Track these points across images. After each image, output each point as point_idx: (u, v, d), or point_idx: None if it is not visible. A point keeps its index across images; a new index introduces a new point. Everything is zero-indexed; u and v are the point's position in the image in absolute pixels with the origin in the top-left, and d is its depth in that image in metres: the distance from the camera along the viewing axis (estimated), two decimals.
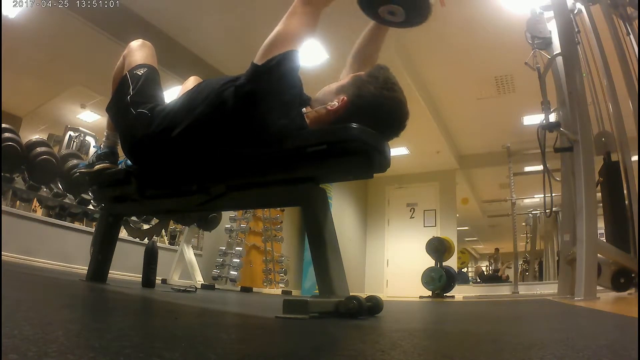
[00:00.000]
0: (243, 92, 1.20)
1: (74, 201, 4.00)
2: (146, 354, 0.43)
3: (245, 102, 1.20)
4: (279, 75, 1.17)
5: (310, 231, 1.23)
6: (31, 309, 0.75)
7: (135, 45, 1.56)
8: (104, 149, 1.70)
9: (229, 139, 1.27)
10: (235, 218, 4.62)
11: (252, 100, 1.19)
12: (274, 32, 1.20)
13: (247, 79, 1.21)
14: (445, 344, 0.77)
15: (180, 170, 1.43)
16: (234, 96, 1.21)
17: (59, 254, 3.60)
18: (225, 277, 4.20)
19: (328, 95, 1.25)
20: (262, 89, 1.18)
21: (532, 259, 8.45)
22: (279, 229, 5.25)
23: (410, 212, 8.22)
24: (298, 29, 1.21)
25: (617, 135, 3.18)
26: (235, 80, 1.25)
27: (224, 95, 1.24)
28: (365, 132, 1.16)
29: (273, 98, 1.19)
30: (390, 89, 1.19)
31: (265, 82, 1.18)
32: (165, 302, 1.50)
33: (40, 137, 3.96)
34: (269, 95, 1.19)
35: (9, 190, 3.74)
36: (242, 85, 1.21)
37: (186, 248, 3.81)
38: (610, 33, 3.14)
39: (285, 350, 0.60)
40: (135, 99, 1.41)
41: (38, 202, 4.22)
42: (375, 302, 1.21)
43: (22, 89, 5.37)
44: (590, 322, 1.29)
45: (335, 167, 1.26)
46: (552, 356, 0.54)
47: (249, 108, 1.20)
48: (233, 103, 1.21)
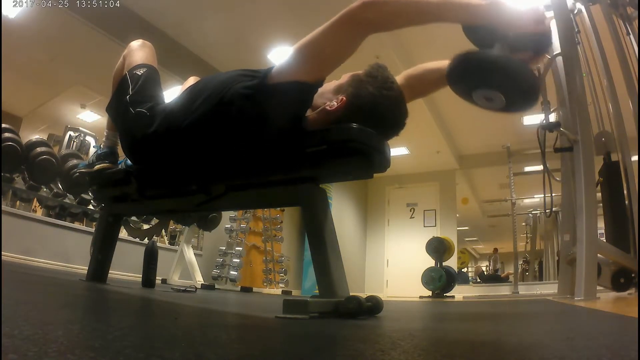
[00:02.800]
0: (251, 103, 1.17)
1: (74, 201, 4.00)
2: (146, 354, 0.43)
3: (251, 106, 1.17)
4: (293, 99, 1.15)
5: (310, 231, 1.23)
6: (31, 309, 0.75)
7: (135, 45, 1.56)
8: (104, 148, 1.70)
9: (230, 139, 1.26)
10: (235, 218, 4.62)
11: (258, 111, 1.17)
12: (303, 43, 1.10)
13: (256, 89, 1.16)
14: (445, 344, 0.77)
15: (180, 170, 1.43)
16: (240, 99, 1.18)
17: (59, 254, 3.60)
18: (225, 277, 4.20)
19: (327, 95, 1.24)
20: (269, 105, 1.15)
21: (532, 259, 8.46)
22: (279, 229, 5.25)
23: (410, 212, 8.22)
24: (330, 46, 1.08)
25: (617, 135, 3.18)
26: (241, 82, 1.21)
27: (228, 96, 1.20)
28: (365, 132, 1.16)
29: (279, 113, 1.17)
30: (389, 88, 1.19)
31: (275, 99, 1.14)
32: (165, 302, 1.50)
33: (40, 137, 3.96)
34: (275, 112, 1.16)
35: (9, 190, 3.75)
36: (250, 96, 1.17)
37: (186, 248, 3.81)
38: (610, 33, 3.14)
39: (285, 350, 0.60)
40: (134, 98, 1.40)
41: (38, 202, 4.23)
42: (375, 302, 1.20)
43: (22, 88, 5.38)
44: (590, 322, 1.29)
45: (335, 167, 1.26)
46: (552, 356, 0.54)
47: (253, 111, 1.18)
48: (239, 105, 1.18)
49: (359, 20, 1.04)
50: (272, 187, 1.38)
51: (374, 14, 1.02)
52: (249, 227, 4.67)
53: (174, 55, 4.63)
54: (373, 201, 8.71)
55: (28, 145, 3.55)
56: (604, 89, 3.32)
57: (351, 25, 1.05)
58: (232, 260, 4.30)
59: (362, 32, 1.06)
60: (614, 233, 3.16)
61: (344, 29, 1.06)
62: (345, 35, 1.07)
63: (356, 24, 1.04)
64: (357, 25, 1.05)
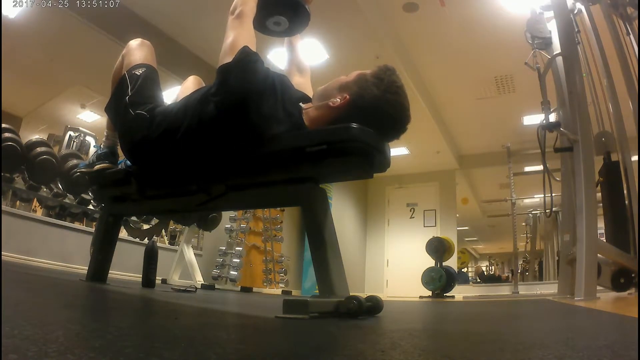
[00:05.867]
0: (221, 97, 1.22)
1: (74, 201, 4.00)
2: (146, 354, 0.43)
3: (228, 105, 1.21)
4: (247, 67, 1.20)
5: (310, 231, 1.23)
6: (31, 309, 0.75)
7: (134, 45, 1.56)
8: (104, 148, 1.70)
9: (226, 141, 1.26)
10: (235, 218, 4.62)
11: (234, 99, 1.20)
12: (227, 43, 1.27)
13: (218, 83, 1.24)
14: (445, 344, 0.77)
15: (179, 171, 1.43)
16: (214, 106, 1.24)
17: (59, 254, 3.60)
18: (225, 277, 4.20)
19: (331, 91, 1.24)
20: (238, 84, 1.20)
21: (532, 259, 8.45)
22: (279, 229, 5.24)
23: (410, 212, 8.22)
24: (243, 35, 1.28)
25: (617, 135, 3.18)
26: (209, 91, 1.28)
27: (207, 109, 1.26)
28: (365, 132, 1.16)
29: (252, 90, 1.20)
30: (394, 92, 1.19)
31: (237, 76, 1.20)
32: (165, 302, 1.50)
33: (40, 137, 3.96)
34: (247, 89, 1.20)
35: (9, 190, 3.74)
36: (216, 92, 1.24)
37: (186, 248, 3.81)
38: (610, 33, 3.14)
39: (285, 350, 0.60)
40: (133, 99, 1.40)
41: (38, 202, 4.22)
42: (375, 302, 1.20)
43: (22, 88, 5.37)
44: (590, 322, 1.29)
45: (335, 167, 1.26)
46: (552, 356, 0.54)
47: (235, 109, 1.21)
48: (216, 112, 1.23)
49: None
50: (272, 187, 1.38)
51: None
52: (249, 227, 4.67)
53: (174, 55, 4.63)
54: (373, 201, 8.70)
55: (28, 145, 3.55)
56: (604, 89, 3.32)
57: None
58: (232, 260, 4.30)
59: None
60: (614, 233, 3.16)
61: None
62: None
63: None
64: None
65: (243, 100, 1.19)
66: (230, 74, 1.21)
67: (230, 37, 1.28)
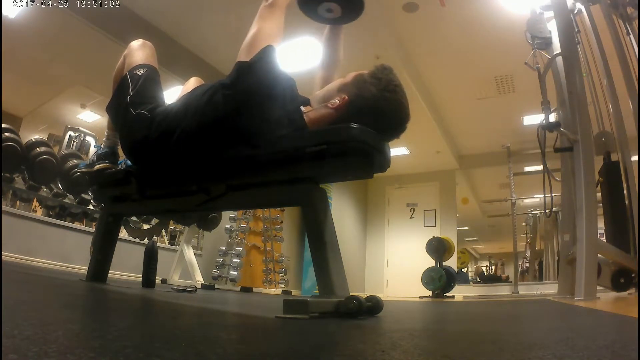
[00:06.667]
0: (233, 92, 1.21)
1: (74, 201, 4.00)
2: (146, 354, 0.43)
3: (237, 102, 1.20)
4: (264, 69, 1.18)
5: (310, 231, 1.23)
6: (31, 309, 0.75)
7: (136, 45, 1.56)
8: (104, 148, 1.70)
9: (227, 140, 1.26)
10: (235, 218, 4.62)
11: (244, 98, 1.19)
12: (250, 34, 1.23)
13: (233, 78, 1.21)
14: (445, 344, 0.77)
15: (180, 171, 1.43)
16: (223, 98, 1.22)
17: (59, 254, 3.60)
18: (225, 277, 4.20)
19: (330, 93, 1.25)
20: (251, 85, 1.19)
21: (532, 259, 8.46)
22: (279, 229, 5.24)
23: (410, 212, 8.22)
24: (270, 28, 1.24)
25: (617, 135, 3.18)
26: (222, 83, 1.26)
27: (214, 100, 1.24)
28: (365, 132, 1.16)
29: (264, 93, 1.19)
30: (393, 91, 1.19)
31: (252, 77, 1.18)
32: (165, 302, 1.50)
33: (40, 137, 3.96)
34: (259, 91, 1.19)
35: (9, 190, 3.74)
36: (230, 86, 1.22)
37: (186, 248, 3.81)
38: (610, 33, 3.14)
39: (285, 350, 0.60)
40: (134, 99, 1.40)
41: (38, 202, 4.22)
42: (375, 302, 1.20)
43: (22, 88, 5.37)
44: (590, 322, 1.29)
45: (335, 167, 1.26)
46: (552, 356, 0.54)
47: (242, 107, 1.20)
48: (224, 105, 1.21)
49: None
50: (272, 187, 1.38)
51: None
52: (249, 227, 4.67)
53: (175, 55, 4.63)
54: (373, 201, 8.70)
55: (28, 145, 3.55)
56: (604, 89, 3.32)
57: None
58: (232, 260, 4.30)
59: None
60: (614, 233, 3.16)
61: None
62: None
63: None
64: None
65: (252, 101, 1.18)
66: (246, 74, 1.19)
67: (255, 27, 1.24)
